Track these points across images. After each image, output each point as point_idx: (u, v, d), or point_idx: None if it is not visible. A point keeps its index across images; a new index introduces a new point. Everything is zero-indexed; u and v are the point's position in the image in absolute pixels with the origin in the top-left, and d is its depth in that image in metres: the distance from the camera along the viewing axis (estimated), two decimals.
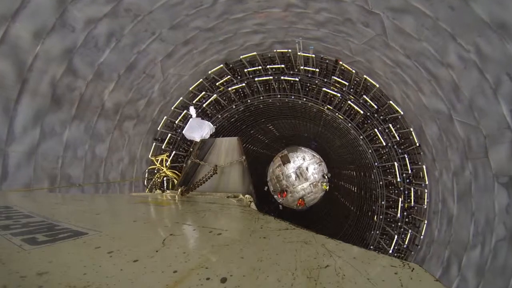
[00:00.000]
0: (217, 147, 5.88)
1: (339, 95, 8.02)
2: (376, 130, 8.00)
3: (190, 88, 8.82)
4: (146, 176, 8.41)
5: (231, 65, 8.75)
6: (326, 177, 17.89)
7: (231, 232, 2.01)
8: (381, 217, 8.30)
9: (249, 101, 8.97)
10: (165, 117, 8.68)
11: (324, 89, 8.07)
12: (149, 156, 8.54)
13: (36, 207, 2.38)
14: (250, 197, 3.76)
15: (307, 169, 18.14)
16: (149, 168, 8.52)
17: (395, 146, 7.96)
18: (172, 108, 8.79)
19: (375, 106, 8.05)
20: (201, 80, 8.75)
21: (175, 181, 8.07)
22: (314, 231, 1.69)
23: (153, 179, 8.14)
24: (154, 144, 8.66)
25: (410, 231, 7.75)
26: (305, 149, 18.44)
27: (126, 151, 7.73)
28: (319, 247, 1.44)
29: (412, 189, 7.78)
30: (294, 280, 1.11)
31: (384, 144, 7.93)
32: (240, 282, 1.09)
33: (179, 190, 3.73)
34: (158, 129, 8.65)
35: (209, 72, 8.63)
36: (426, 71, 6.02)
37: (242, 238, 1.85)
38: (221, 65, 8.54)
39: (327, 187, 17.62)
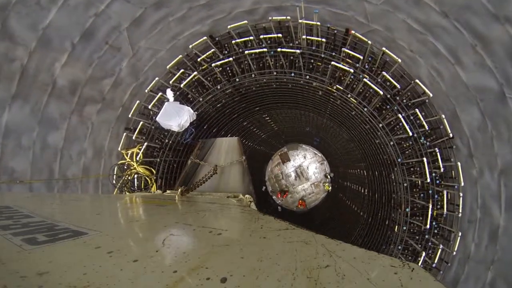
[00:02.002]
0: (217, 147, 5.89)
1: (352, 70, 6.31)
2: (400, 116, 6.24)
3: (168, 67, 7.12)
4: (115, 172, 6.99)
5: (217, 39, 7.16)
6: (328, 176, 17.25)
7: (231, 232, 2.01)
8: (404, 228, 6.67)
9: (237, 80, 7.15)
10: (137, 101, 7.18)
11: (333, 63, 6.35)
12: (119, 149, 7.12)
13: (36, 207, 2.38)
14: (250, 197, 3.77)
15: (308, 168, 17.63)
16: (119, 163, 7.09)
17: (423, 138, 6.37)
18: (147, 90, 7.21)
19: (398, 86, 6.34)
20: (180, 56, 7.06)
21: (148, 180, 7.07)
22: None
23: (123, 177, 6.92)
24: (124, 134, 7.20)
25: (441, 246, 6.32)
26: (306, 146, 17.85)
27: (89, 142, 6.46)
28: (319, 247, 1.44)
29: (445, 192, 6.28)
30: (294, 280, 1.11)
31: (411, 134, 6.24)
32: (240, 282, 1.10)
33: (179, 190, 3.73)
34: (130, 116, 7.14)
35: (190, 46, 6.93)
36: (470, 32, 4.62)
37: (242, 238, 1.86)
38: (204, 37, 6.90)
39: (330, 188, 17.02)
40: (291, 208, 17.46)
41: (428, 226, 6.28)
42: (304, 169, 17.58)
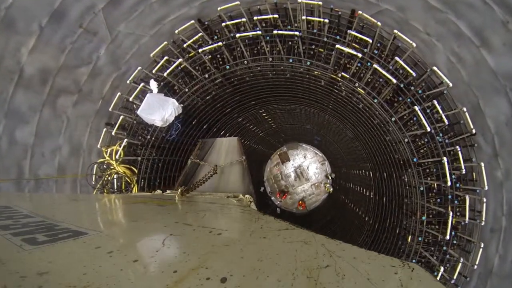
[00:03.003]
0: (217, 147, 5.89)
1: (359, 55, 5.48)
2: (416, 108, 5.40)
3: (152, 54, 6.41)
4: (93, 172, 6.39)
5: (206, 23, 6.45)
6: (329, 177, 16.80)
7: (231, 232, 2.01)
8: (420, 238, 5.85)
9: (228, 67, 6.39)
10: (119, 93, 6.46)
11: (338, 46, 5.56)
12: (98, 146, 6.50)
13: (36, 207, 2.38)
14: (250, 197, 3.78)
15: (308, 168, 17.27)
16: (98, 162, 6.46)
17: (441, 134, 5.62)
18: (128, 81, 6.51)
19: (413, 74, 5.50)
20: (165, 43, 6.35)
21: (129, 180, 6.52)
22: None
23: (103, 177, 6.37)
24: (104, 130, 6.56)
25: (461, 259, 5.53)
26: (306, 146, 17.44)
27: (65, 138, 5.90)
28: (319, 247, 1.44)
29: (467, 198, 5.41)
30: (294, 280, 1.11)
31: (429, 129, 5.40)
32: (240, 282, 1.10)
33: (179, 190, 3.74)
34: (110, 109, 6.45)
35: (176, 31, 6.18)
36: (502, 7, 4.02)
37: (242, 238, 1.86)
38: (192, 21, 6.13)
39: (331, 189, 16.50)
40: (290, 210, 17.14)
41: (448, 237, 5.45)
42: (304, 169, 17.26)
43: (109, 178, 6.39)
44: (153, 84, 6.36)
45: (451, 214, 5.34)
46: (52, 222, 1.66)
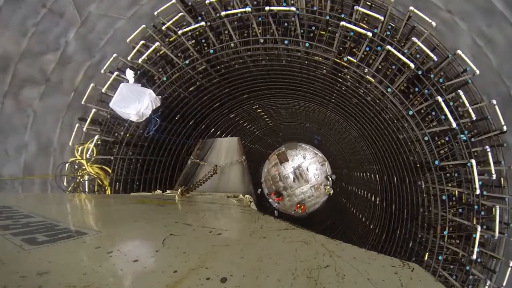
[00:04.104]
0: (217, 147, 5.91)
1: (370, 34, 4.40)
2: (440, 99, 4.39)
3: (128, 40, 5.63)
4: (65, 172, 5.75)
5: (190, 3, 5.65)
6: (330, 179, 16.79)
7: (231, 232, 2.02)
8: (440, 257, 4.92)
9: (212, 52, 5.48)
10: (92, 84, 5.75)
11: (343, 23, 4.50)
12: (70, 143, 5.85)
13: (36, 207, 2.38)
14: (250, 197, 3.79)
15: (307, 169, 17.01)
16: (69, 161, 5.79)
17: (466, 132, 4.78)
18: (102, 71, 5.82)
19: (435, 58, 4.50)
20: (143, 26, 5.58)
21: (101, 182, 5.83)
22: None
23: (76, 179, 5.79)
24: (77, 126, 5.91)
25: (488, 281, 4.71)
26: (306, 146, 17.16)
27: (31, 134, 5.35)
28: (319, 247, 1.45)
29: (497, 208, 4.56)
30: (294, 280, 1.12)
31: (454, 125, 4.42)
32: (240, 282, 1.10)
33: (179, 190, 3.74)
34: (83, 102, 5.73)
35: (156, 13, 5.41)
36: None
37: (242, 238, 1.87)
38: (173, 1, 5.33)
39: (331, 191, 16.25)
40: (288, 213, 16.80)
41: (474, 256, 4.55)
42: (304, 170, 16.94)
43: (80, 180, 5.79)
44: (129, 74, 5.65)
45: (478, 228, 4.43)
46: (52, 222, 1.67)
